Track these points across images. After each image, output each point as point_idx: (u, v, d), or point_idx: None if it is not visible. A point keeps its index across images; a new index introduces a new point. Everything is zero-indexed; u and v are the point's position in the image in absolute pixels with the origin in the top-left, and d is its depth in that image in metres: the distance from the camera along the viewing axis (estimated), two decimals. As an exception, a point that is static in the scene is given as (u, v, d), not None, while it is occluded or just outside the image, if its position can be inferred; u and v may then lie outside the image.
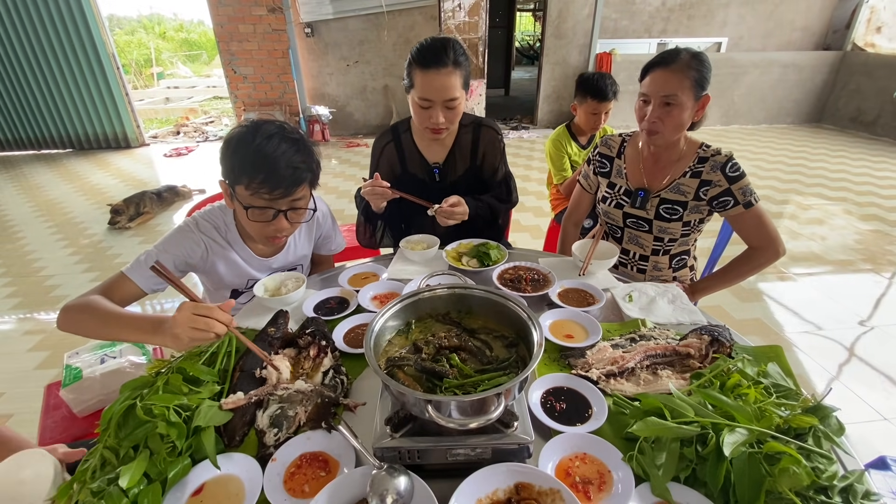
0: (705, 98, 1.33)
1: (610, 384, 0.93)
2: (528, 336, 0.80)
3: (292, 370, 0.97)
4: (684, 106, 1.30)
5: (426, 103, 1.38)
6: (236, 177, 1.09)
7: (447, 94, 1.36)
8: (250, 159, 1.06)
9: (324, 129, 6.88)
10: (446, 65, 1.33)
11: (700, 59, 1.30)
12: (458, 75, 1.36)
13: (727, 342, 0.98)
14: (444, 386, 0.73)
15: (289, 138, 1.10)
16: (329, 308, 1.23)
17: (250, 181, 1.07)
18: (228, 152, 1.10)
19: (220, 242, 1.28)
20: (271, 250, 1.37)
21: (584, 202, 1.74)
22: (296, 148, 1.10)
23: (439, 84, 1.34)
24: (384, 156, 1.63)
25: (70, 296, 2.99)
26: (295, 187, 1.11)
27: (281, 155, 1.07)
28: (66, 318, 1.06)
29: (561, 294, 1.25)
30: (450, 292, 0.92)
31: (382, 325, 0.84)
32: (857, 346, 2.41)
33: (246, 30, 6.29)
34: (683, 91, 1.28)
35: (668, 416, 0.77)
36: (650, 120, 1.34)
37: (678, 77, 1.28)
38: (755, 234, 1.40)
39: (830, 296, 2.86)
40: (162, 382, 0.84)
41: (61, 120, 6.60)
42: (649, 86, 1.34)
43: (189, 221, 1.26)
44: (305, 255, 1.50)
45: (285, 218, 1.15)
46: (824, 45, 7.63)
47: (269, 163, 1.06)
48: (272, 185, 1.07)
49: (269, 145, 1.07)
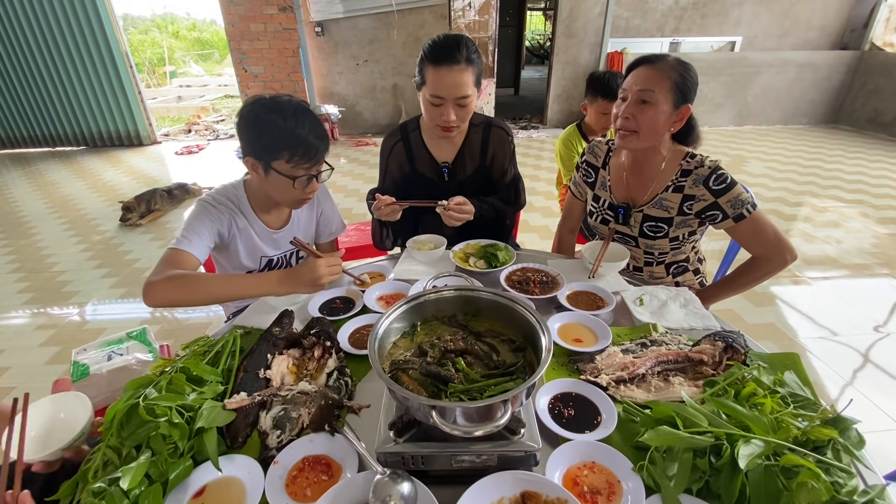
0: (685, 109, 1.26)
1: (620, 391, 0.91)
2: (537, 340, 0.78)
3: (296, 371, 0.96)
4: (660, 107, 1.23)
5: (437, 100, 1.36)
6: (273, 153, 1.17)
7: (459, 92, 1.34)
8: (287, 137, 1.15)
9: (333, 127, 6.89)
10: (458, 62, 1.31)
11: (685, 66, 1.25)
12: (471, 73, 1.34)
13: (742, 349, 0.95)
14: (449, 391, 0.72)
15: (306, 111, 1.21)
16: (334, 308, 1.22)
17: (291, 156, 1.16)
18: (257, 132, 1.17)
19: (237, 214, 1.34)
20: (279, 222, 1.44)
21: (575, 209, 1.68)
22: (314, 119, 1.22)
23: (451, 81, 1.33)
24: (393, 155, 1.62)
25: (81, 292, 3.04)
26: (324, 153, 1.23)
27: (311, 129, 1.18)
28: (161, 292, 1.08)
29: (570, 297, 1.22)
30: (456, 294, 0.90)
31: (387, 327, 0.83)
32: (873, 352, 2.35)
33: (257, 29, 6.32)
34: (662, 90, 1.22)
35: (681, 426, 0.75)
36: (623, 115, 1.28)
37: (659, 74, 1.23)
38: (754, 244, 1.34)
39: (846, 300, 2.79)
40: (165, 382, 0.84)
41: (75, 118, 6.70)
42: (629, 81, 1.28)
43: (204, 201, 1.29)
44: (310, 230, 1.55)
45: (316, 180, 1.27)
46: (841, 44, 7.48)
47: (304, 138, 1.17)
48: (311, 156, 1.19)
49: (298, 122, 1.16)
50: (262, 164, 1.19)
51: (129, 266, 3.36)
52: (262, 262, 1.43)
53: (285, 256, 1.49)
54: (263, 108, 1.16)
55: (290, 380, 0.94)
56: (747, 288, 1.42)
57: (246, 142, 1.19)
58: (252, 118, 1.17)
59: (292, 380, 0.94)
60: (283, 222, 1.45)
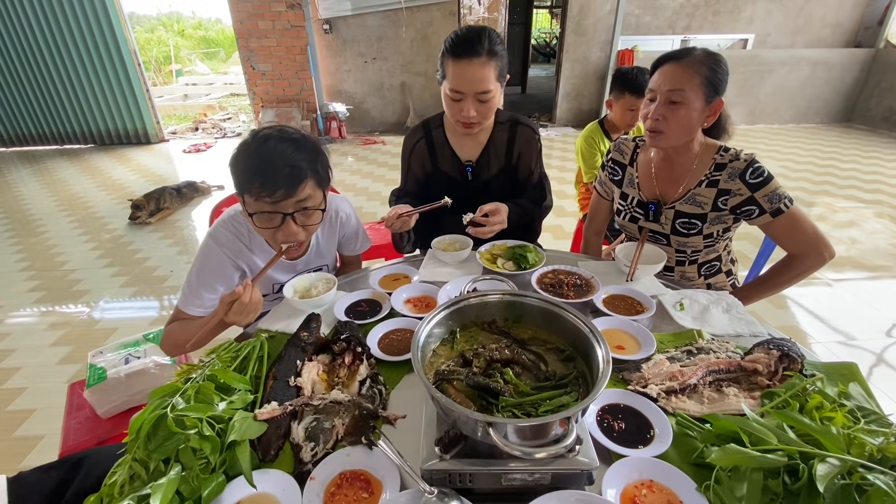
0: (718, 103, 1.22)
1: (671, 402, 0.85)
2: (589, 350, 0.73)
3: (327, 378, 0.92)
4: (691, 105, 1.19)
5: (457, 95, 1.31)
6: (242, 186, 1.06)
7: (479, 87, 1.28)
8: (249, 165, 1.04)
9: (341, 126, 6.86)
10: (479, 55, 1.25)
11: (715, 59, 1.19)
12: (493, 66, 1.28)
13: (798, 358, 0.89)
14: (500, 405, 0.67)
15: (287, 138, 1.06)
16: (360, 311, 1.17)
17: (251, 186, 1.03)
18: (234, 164, 1.08)
19: (244, 250, 1.24)
20: (296, 252, 1.33)
21: (602, 210, 1.63)
22: (294, 146, 1.06)
23: (471, 75, 1.27)
24: (415, 154, 1.56)
25: (91, 290, 3.01)
26: (296, 186, 1.05)
27: (278, 155, 1.03)
28: (169, 348, 1.20)
29: (606, 301, 1.17)
30: (499, 299, 0.85)
31: (427, 334, 0.78)
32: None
33: (265, 26, 6.28)
34: (692, 88, 1.18)
35: (747, 442, 0.70)
36: (652, 117, 1.24)
37: (688, 72, 1.18)
38: (791, 241, 1.28)
39: (868, 302, 2.73)
40: (193, 391, 0.79)
41: (83, 116, 6.69)
42: (656, 80, 1.24)
43: (208, 238, 1.21)
44: (331, 256, 1.45)
45: (294, 221, 1.09)
46: (855, 42, 7.36)
47: (265, 164, 1.02)
48: (272, 187, 1.02)
49: (265, 147, 1.04)
50: (241, 199, 1.10)
51: (139, 265, 3.33)
52: (274, 288, 1.34)
53: None
54: (240, 144, 1.08)
55: (321, 388, 0.89)
56: (783, 288, 1.37)
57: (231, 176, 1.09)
58: (235, 150, 1.08)
59: (323, 388, 0.90)
60: (300, 251, 1.33)
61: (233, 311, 1.00)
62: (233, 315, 1.01)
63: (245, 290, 0.99)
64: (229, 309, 1.00)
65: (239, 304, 0.99)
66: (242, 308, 0.99)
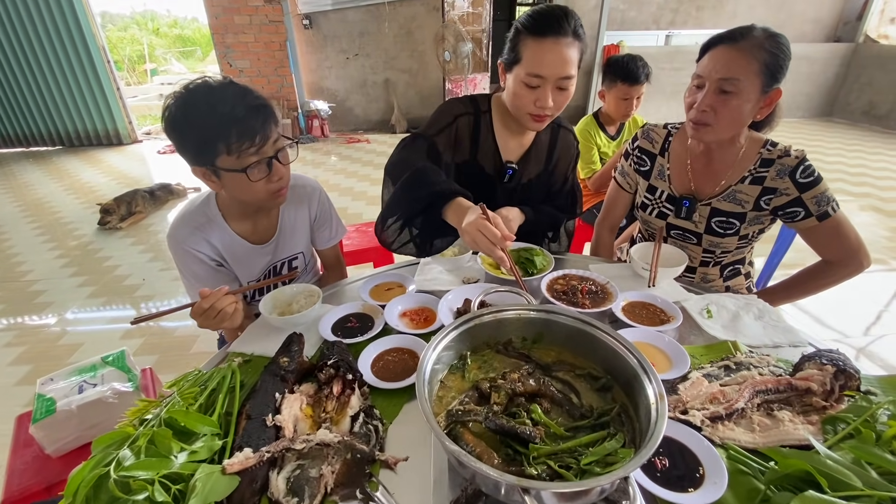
0: (776, 92, 1.08)
1: (717, 430, 0.73)
2: (631, 379, 0.60)
3: (312, 414, 0.77)
4: (746, 96, 1.05)
5: (536, 80, 1.12)
6: (210, 152, 0.98)
7: (564, 70, 1.10)
8: (213, 126, 0.95)
9: (323, 124, 6.66)
10: (566, 34, 1.08)
11: (777, 41, 1.04)
12: (577, 49, 1.12)
13: (855, 373, 0.78)
14: (531, 455, 0.53)
15: (225, 86, 1.00)
16: (349, 328, 1.02)
17: (229, 145, 0.97)
18: (181, 137, 0.99)
19: (207, 241, 1.16)
20: (265, 234, 1.25)
21: (620, 202, 1.48)
22: (238, 91, 1.00)
23: (556, 57, 1.09)
24: (458, 126, 1.30)
25: (55, 302, 2.79)
26: (268, 126, 1.02)
27: (236, 104, 0.97)
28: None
29: (625, 309, 1.05)
30: (516, 315, 0.72)
31: (434, 364, 0.64)
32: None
33: (242, 21, 6.04)
34: (748, 76, 1.03)
35: (825, 486, 0.58)
36: (699, 108, 1.10)
37: (745, 58, 1.03)
38: (832, 247, 1.17)
39: (865, 295, 2.68)
40: (145, 440, 0.64)
41: (50, 116, 6.35)
42: (706, 65, 1.10)
43: (171, 242, 1.16)
44: (304, 241, 1.35)
45: (279, 162, 1.07)
46: (835, 37, 7.45)
47: (232, 117, 0.96)
48: (251, 135, 0.98)
49: (219, 103, 0.96)
50: (209, 170, 1.02)
51: (108, 273, 3.11)
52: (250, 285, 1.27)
53: (275, 268, 1.31)
54: (177, 108, 0.96)
55: (306, 426, 0.75)
56: (813, 294, 1.26)
57: (181, 152, 1.01)
58: (172, 124, 0.97)
59: (308, 426, 0.75)
60: (269, 234, 1.26)
61: (202, 318, 0.96)
62: (203, 322, 0.97)
63: (209, 298, 0.94)
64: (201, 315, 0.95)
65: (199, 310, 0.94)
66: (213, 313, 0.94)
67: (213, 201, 1.17)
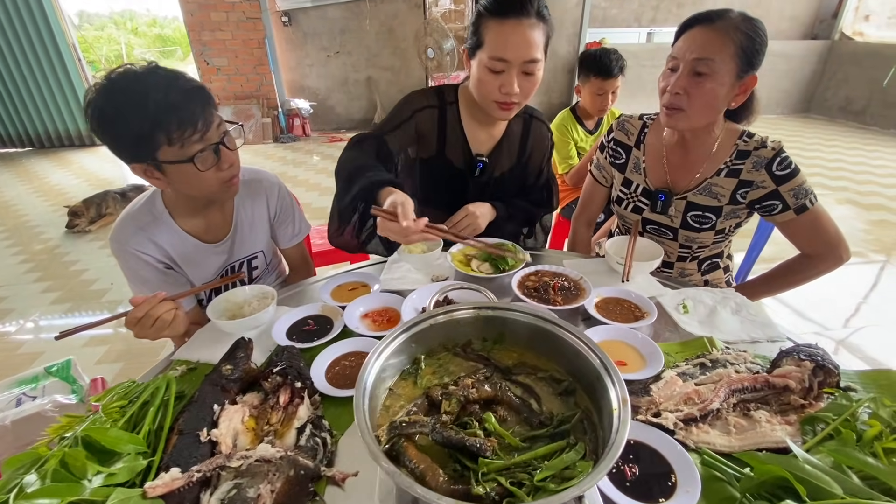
0: (751, 79, 1.05)
1: (692, 433, 0.69)
2: (594, 382, 0.55)
3: (254, 426, 0.71)
4: (720, 79, 1.01)
5: (500, 65, 1.06)
6: (149, 145, 0.90)
7: (528, 53, 1.05)
8: (148, 118, 0.87)
9: (304, 123, 6.54)
10: (528, 14, 1.03)
11: (754, 25, 1.01)
12: (542, 31, 1.06)
13: (834, 369, 0.74)
14: (480, 470, 0.48)
15: (153, 71, 0.91)
16: (306, 332, 0.96)
17: (170, 135, 0.89)
18: (113, 133, 0.90)
19: (152, 241, 1.07)
20: (219, 232, 1.16)
21: (597, 196, 1.44)
22: (168, 75, 0.92)
23: (519, 39, 1.03)
24: (419, 121, 1.24)
25: (16, 309, 2.66)
26: (208, 110, 0.94)
27: (170, 89, 0.89)
28: None
29: (599, 306, 1.00)
30: (473, 314, 0.66)
31: (380, 370, 0.58)
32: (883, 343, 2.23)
33: (218, 18, 5.90)
34: (723, 57, 0.99)
35: (803, 494, 0.53)
36: (672, 90, 1.05)
37: (720, 38, 0.99)
38: (810, 241, 1.14)
39: (844, 288, 2.69)
40: (55, 462, 0.57)
41: (19, 117, 6.12)
42: (680, 46, 1.05)
43: (114, 248, 1.07)
44: (264, 238, 1.26)
45: (226, 147, 0.99)
46: (812, 34, 7.56)
47: (169, 104, 0.88)
48: (192, 121, 0.91)
49: (151, 90, 0.87)
50: (150, 165, 0.94)
51: (74, 278, 2.98)
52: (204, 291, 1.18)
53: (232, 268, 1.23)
54: (105, 101, 0.88)
55: (246, 440, 0.68)
56: (794, 287, 1.23)
57: (116, 150, 0.92)
58: (101, 121, 0.89)
59: (249, 440, 0.68)
60: (223, 232, 1.17)
61: (138, 328, 0.88)
62: (139, 332, 0.89)
63: (142, 305, 0.86)
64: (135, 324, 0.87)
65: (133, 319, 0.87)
66: (149, 322, 0.86)
67: (158, 199, 1.09)
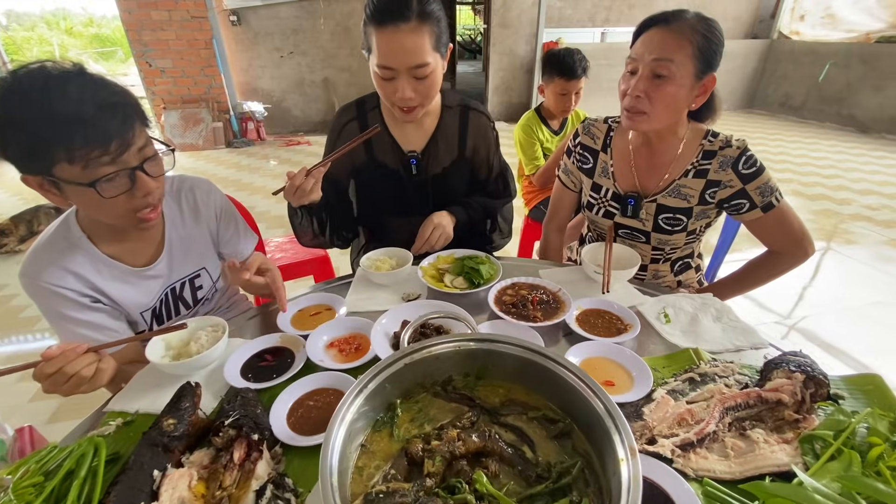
0: (710, 79, 1.04)
1: (690, 461, 0.64)
2: (594, 422, 0.49)
3: (205, 493, 0.61)
4: (680, 80, 1.00)
5: (388, 73, 1.03)
6: (46, 159, 0.74)
7: (412, 59, 1.01)
8: (46, 127, 0.72)
9: (259, 126, 6.26)
10: (408, 18, 0.97)
11: (710, 25, 1.01)
12: (427, 33, 1.01)
13: (825, 379, 0.72)
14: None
15: (72, 76, 0.76)
16: (264, 368, 0.85)
17: (70, 152, 0.73)
18: (5, 136, 0.74)
19: (73, 281, 0.90)
20: (147, 254, 1.01)
21: (566, 202, 1.41)
22: (89, 83, 0.77)
23: (399, 46, 0.99)
24: (343, 138, 1.24)
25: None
26: (128, 128, 0.79)
27: (83, 100, 0.74)
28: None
29: (580, 319, 0.95)
30: (454, 349, 0.59)
31: (349, 427, 0.50)
32: (841, 328, 2.34)
33: (160, 17, 5.54)
34: (681, 58, 0.98)
35: (818, 531, 0.49)
36: (633, 94, 1.04)
37: (677, 39, 0.98)
38: (777, 238, 1.15)
39: (796, 278, 2.81)
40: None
41: (-67, 125, 5.54)
42: (638, 48, 1.03)
43: (25, 285, 0.90)
44: (204, 250, 1.11)
45: (145, 174, 0.83)
46: (753, 34, 7.97)
47: (75, 117, 0.73)
48: (104, 140, 0.75)
49: (58, 98, 0.72)
50: (46, 180, 0.79)
51: (1, 304, 2.69)
52: (144, 317, 1.03)
53: (174, 290, 1.07)
54: (3, 96, 0.73)
55: (193, 511, 0.58)
56: (764, 284, 1.23)
57: (3, 154, 0.76)
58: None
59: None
60: (154, 253, 1.02)
61: (49, 384, 0.74)
62: (49, 388, 0.75)
63: (56, 360, 0.72)
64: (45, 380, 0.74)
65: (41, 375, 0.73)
66: (62, 379, 0.73)
67: (73, 221, 0.93)
